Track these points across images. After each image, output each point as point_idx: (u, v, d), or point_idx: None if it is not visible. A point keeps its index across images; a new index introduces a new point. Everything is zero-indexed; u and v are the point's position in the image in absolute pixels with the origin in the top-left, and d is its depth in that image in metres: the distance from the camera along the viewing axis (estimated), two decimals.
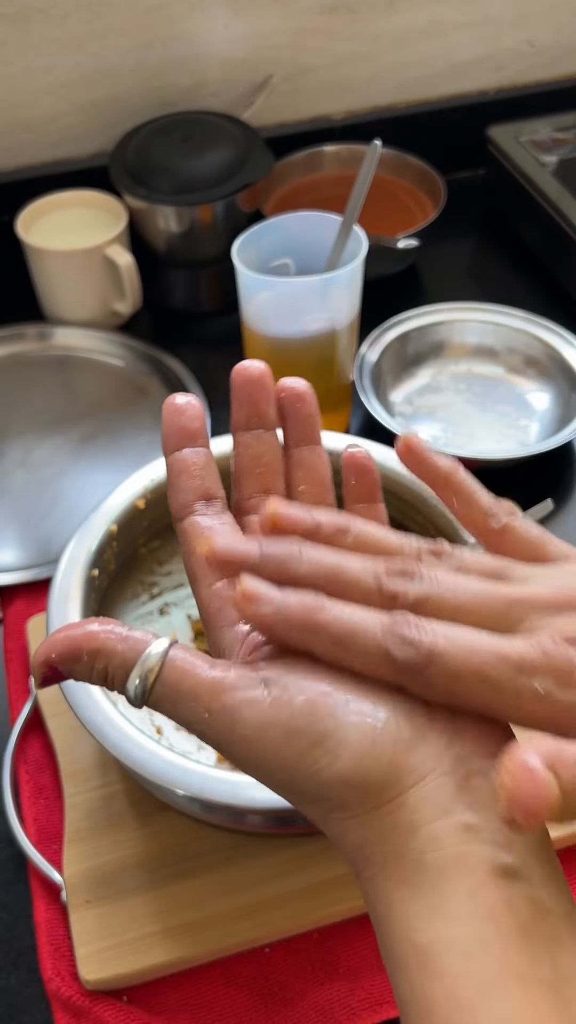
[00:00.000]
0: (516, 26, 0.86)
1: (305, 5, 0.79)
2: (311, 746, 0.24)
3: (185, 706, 0.25)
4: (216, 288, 0.79)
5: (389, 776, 0.24)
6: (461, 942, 0.23)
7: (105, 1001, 0.44)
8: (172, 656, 0.25)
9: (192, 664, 0.25)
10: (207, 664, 0.26)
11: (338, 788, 0.24)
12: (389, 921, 0.24)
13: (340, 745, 0.24)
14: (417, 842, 0.24)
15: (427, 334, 0.73)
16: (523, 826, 0.21)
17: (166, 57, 0.79)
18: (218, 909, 0.46)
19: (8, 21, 0.74)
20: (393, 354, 0.72)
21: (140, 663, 0.25)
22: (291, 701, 0.24)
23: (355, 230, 0.60)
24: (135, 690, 0.25)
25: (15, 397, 0.74)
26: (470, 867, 0.23)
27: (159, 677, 0.25)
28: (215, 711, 0.25)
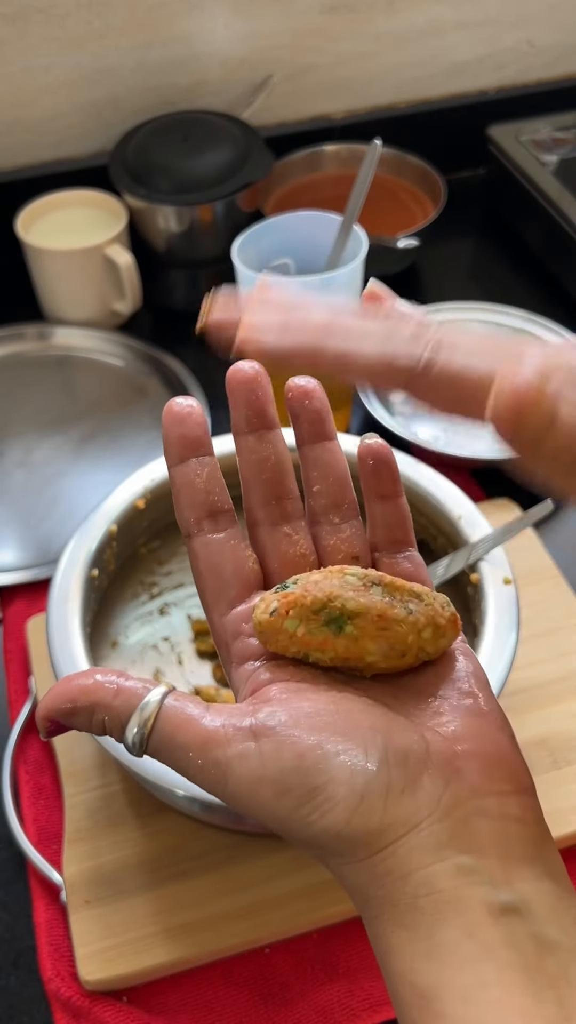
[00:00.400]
0: (516, 26, 0.86)
1: (305, 5, 0.79)
2: (301, 803, 0.24)
3: (180, 757, 0.25)
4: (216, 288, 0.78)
5: (380, 828, 0.24)
6: (460, 986, 0.23)
7: (105, 1001, 0.44)
8: (166, 708, 0.26)
9: (186, 717, 0.26)
10: (201, 714, 0.26)
11: (330, 840, 0.24)
12: (390, 961, 0.24)
13: (329, 800, 0.24)
14: (410, 887, 0.24)
15: None
16: (505, 424, 0.24)
17: (166, 57, 0.79)
18: (218, 909, 0.46)
19: (8, 21, 0.73)
20: None
21: (137, 714, 0.26)
22: (280, 757, 0.24)
23: (355, 230, 0.60)
24: (133, 741, 0.26)
25: (15, 397, 0.74)
26: (466, 908, 0.23)
27: (154, 728, 0.26)
28: (208, 764, 0.25)
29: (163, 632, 0.56)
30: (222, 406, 0.79)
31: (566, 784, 0.49)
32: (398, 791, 0.24)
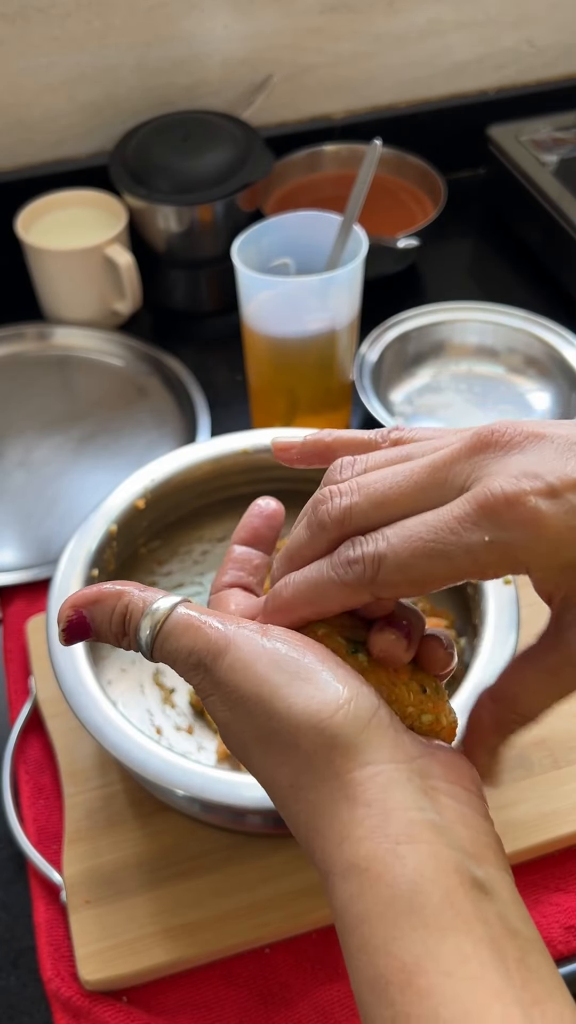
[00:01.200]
0: (516, 26, 0.86)
1: (305, 5, 0.79)
2: (295, 678, 0.25)
3: (187, 639, 0.27)
4: (216, 288, 0.79)
5: (363, 739, 0.24)
6: (442, 959, 0.22)
7: (105, 1002, 0.44)
8: (182, 606, 0.28)
9: (199, 611, 0.28)
10: (215, 614, 0.28)
11: (310, 731, 0.25)
12: (365, 927, 0.23)
13: (322, 689, 0.25)
14: (393, 828, 0.23)
15: (427, 334, 0.73)
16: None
17: (166, 56, 0.79)
18: (218, 909, 0.46)
19: (8, 20, 0.73)
20: (393, 354, 0.72)
21: (151, 610, 0.27)
22: (284, 646, 0.26)
23: (355, 230, 0.60)
24: (145, 633, 0.27)
25: (15, 397, 0.74)
26: (445, 870, 0.23)
27: (167, 620, 0.27)
28: (212, 639, 0.26)
29: None
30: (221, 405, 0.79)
31: (566, 784, 0.49)
32: (384, 723, 0.25)
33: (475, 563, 0.24)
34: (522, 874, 0.47)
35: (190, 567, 0.58)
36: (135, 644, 0.28)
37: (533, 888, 0.47)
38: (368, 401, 0.67)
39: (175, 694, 0.53)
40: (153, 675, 0.54)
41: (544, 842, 0.47)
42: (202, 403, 0.71)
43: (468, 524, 0.24)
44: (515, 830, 0.48)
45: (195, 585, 0.58)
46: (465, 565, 0.24)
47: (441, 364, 0.74)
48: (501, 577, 0.27)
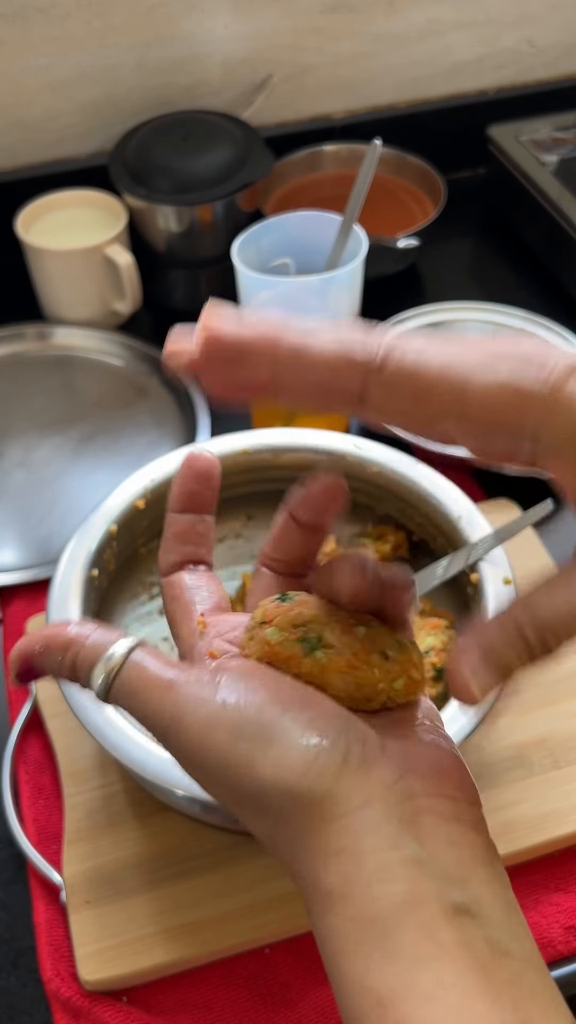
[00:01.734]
0: (516, 26, 0.86)
1: (305, 5, 0.79)
2: (256, 748, 0.24)
3: (140, 701, 0.26)
4: (216, 288, 0.79)
5: (334, 791, 0.24)
6: (420, 988, 0.22)
7: (105, 1002, 0.44)
8: (134, 655, 0.27)
9: (151, 663, 0.26)
10: (166, 664, 0.26)
11: (280, 797, 0.24)
12: (343, 963, 0.23)
13: (286, 752, 0.24)
14: (365, 872, 0.23)
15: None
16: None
17: (166, 56, 0.79)
18: (218, 909, 0.46)
19: (8, 20, 0.73)
20: None
21: (104, 658, 0.26)
22: (240, 706, 0.25)
23: (355, 229, 0.60)
24: (98, 683, 0.26)
25: (15, 397, 0.74)
26: (422, 903, 0.23)
27: (120, 672, 0.26)
28: (166, 705, 0.25)
29: (163, 632, 0.56)
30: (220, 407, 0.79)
31: (566, 784, 0.49)
32: (354, 764, 0.24)
33: (484, 398, 0.22)
34: (522, 874, 0.48)
35: None
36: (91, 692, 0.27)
37: (533, 888, 0.47)
38: None
39: None
40: None
41: (544, 842, 0.47)
42: (202, 403, 0.71)
43: (493, 355, 0.23)
44: (515, 830, 0.48)
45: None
46: (476, 391, 0.22)
47: None
48: (502, 453, 0.24)
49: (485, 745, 0.51)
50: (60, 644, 0.27)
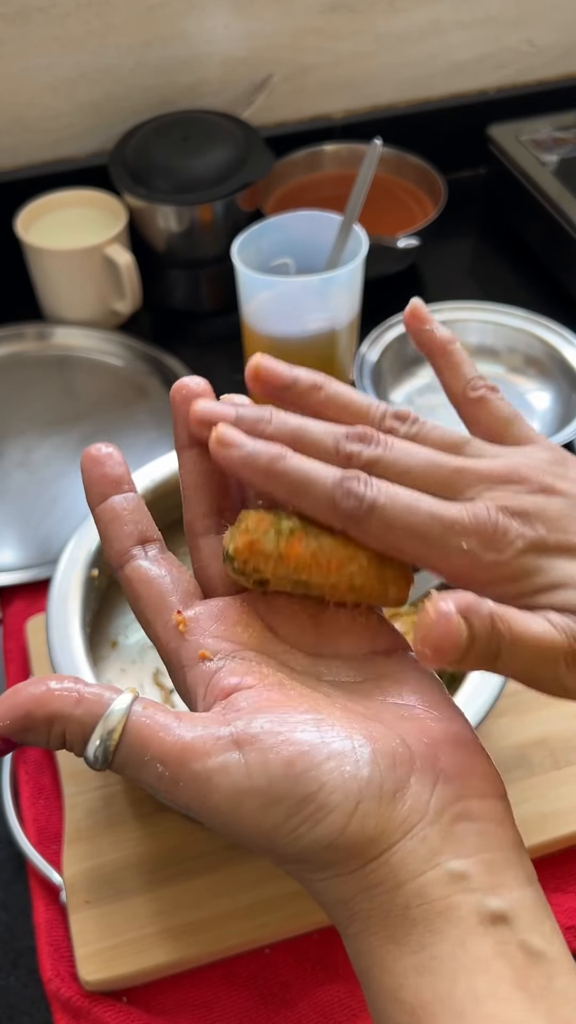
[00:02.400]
0: (516, 25, 0.86)
1: (305, 4, 0.79)
2: (292, 813, 0.23)
3: (150, 772, 0.23)
4: (216, 287, 0.79)
5: (375, 835, 0.23)
6: (455, 1000, 0.22)
7: (105, 1002, 0.44)
8: (135, 716, 0.24)
9: (157, 725, 0.24)
10: (173, 722, 0.24)
11: (321, 852, 0.23)
12: (378, 979, 0.23)
13: (322, 809, 0.23)
14: (402, 898, 0.23)
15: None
16: (431, 660, 0.23)
17: (166, 56, 0.79)
18: (218, 910, 0.46)
19: (8, 20, 0.73)
20: (393, 354, 0.72)
21: (100, 724, 0.23)
22: (268, 766, 0.23)
23: (355, 229, 0.60)
24: (95, 755, 0.23)
25: (15, 397, 0.74)
26: (458, 918, 0.23)
27: (121, 740, 0.23)
28: (185, 779, 0.23)
29: None
30: None
31: (566, 784, 0.49)
32: (390, 795, 0.23)
33: (444, 560, 0.25)
34: None
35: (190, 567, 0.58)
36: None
37: None
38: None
39: (175, 694, 0.53)
40: (153, 675, 0.54)
41: (544, 842, 0.47)
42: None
43: (457, 529, 0.25)
44: None
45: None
46: (435, 555, 0.26)
47: None
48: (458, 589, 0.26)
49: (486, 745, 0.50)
50: (43, 718, 0.24)
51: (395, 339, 0.72)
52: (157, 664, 0.54)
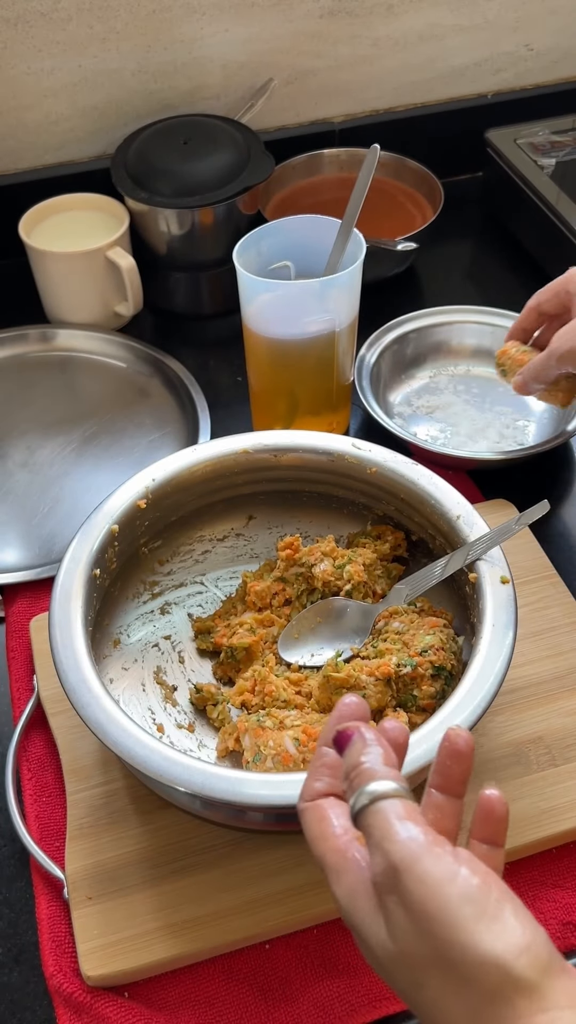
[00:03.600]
0: (514, 30, 0.87)
1: (305, 9, 0.80)
2: (482, 914, 0.26)
3: (387, 833, 0.29)
4: (217, 290, 0.79)
5: (543, 985, 0.26)
6: None
7: (107, 997, 0.44)
8: (393, 799, 0.29)
9: (404, 810, 0.29)
10: (415, 820, 0.29)
11: (494, 971, 0.26)
12: None
13: (507, 930, 0.26)
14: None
15: (426, 336, 0.74)
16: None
17: (167, 61, 0.79)
18: (219, 905, 0.46)
19: (10, 24, 0.74)
20: (392, 356, 0.72)
21: (370, 787, 0.29)
22: (475, 877, 0.27)
23: (354, 233, 0.61)
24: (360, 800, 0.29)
25: (18, 398, 0.74)
26: None
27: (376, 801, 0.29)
28: (410, 848, 0.28)
29: (164, 631, 0.56)
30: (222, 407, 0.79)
31: (564, 781, 0.50)
32: (557, 967, 0.26)
33: None
34: (519, 870, 0.48)
35: (191, 566, 0.58)
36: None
37: (531, 884, 0.48)
38: (367, 402, 0.68)
39: (176, 692, 0.54)
40: (154, 673, 0.54)
41: (542, 839, 0.48)
42: (203, 404, 0.72)
43: None
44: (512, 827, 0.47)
45: (196, 584, 0.58)
46: None
47: (439, 366, 0.74)
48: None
49: (483, 742, 0.51)
50: (351, 763, 0.31)
51: (394, 341, 0.72)
52: (158, 662, 0.55)
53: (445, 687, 0.49)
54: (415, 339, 0.73)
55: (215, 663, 0.55)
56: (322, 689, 0.49)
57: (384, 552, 0.56)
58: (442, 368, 0.74)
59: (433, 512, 0.52)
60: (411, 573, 0.55)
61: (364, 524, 0.58)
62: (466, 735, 0.33)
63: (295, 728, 0.46)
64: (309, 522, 0.59)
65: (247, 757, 0.46)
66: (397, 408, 0.72)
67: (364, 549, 0.55)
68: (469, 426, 0.70)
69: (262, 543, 0.59)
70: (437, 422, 0.71)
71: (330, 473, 0.56)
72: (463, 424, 0.70)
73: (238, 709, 0.51)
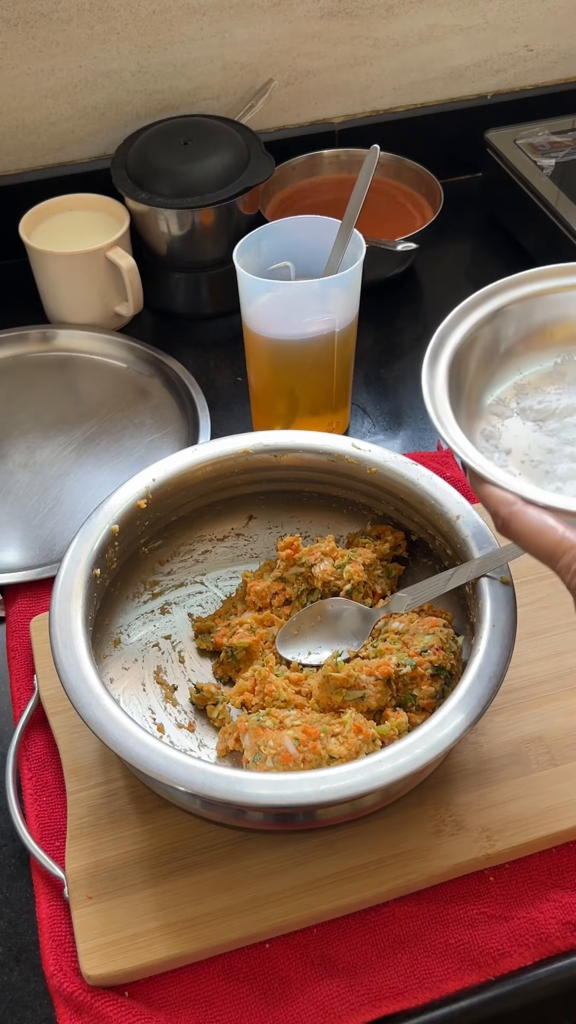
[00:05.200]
0: (514, 31, 0.87)
1: (305, 10, 0.80)
2: None
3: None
4: (217, 291, 0.79)
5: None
6: None
7: (107, 996, 0.44)
8: None
9: None
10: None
11: None
12: None
13: None
14: None
15: (537, 308, 0.47)
16: None
17: (167, 61, 0.79)
18: (219, 905, 0.46)
19: (10, 25, 0.74)
20: (486, 338, 0.47)
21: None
22: None
23: (354, 233, 0.61)
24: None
25: (18, 398, 0.74)
26: None
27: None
28: None
29: (165, 630, 0.56)
30: (222, 407, 0.79)
31: (563, 781, 0.50)
32: None
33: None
34: (519, 870, 0.48)
35: (191, 566, 0.59)
36: None
37: (530, 884, 0.48)
38: (442, 430, 0.42)
39: (176, 692, 0.54)
40: (155, 673, 0.54)
41: (541, 838, 0.48)
42: (203, 405, 0.72)
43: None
44: (512, 827, 0.48)
45: (196, 584, 0.58)
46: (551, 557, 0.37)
47: (562, 351, 0.47)
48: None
49: (483, 742, 0.51)
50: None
51: (488, 318, 0.47)
52: (159, 662, 0.55)
53: (445, 687, 0.49)
54: (518, 313, 0.47)
55: (215, 663, 0.55)
56: (322, 689, 0.49)
57: (384, 552, 0.56)
58: (569, 355, 0.47)
59: (433, 512, 0.52)
60: (411, 573, 0.55)
61: (364, 524, 0.58)
62: None
63: (295, 728, 0.46)
64: (309, 522, 0.60)
65: (247, 756, 0.46)
66: (490, 407, 0.46)
67: (364, 549, 0.55)
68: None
69: (262, 543, 0.59)
70: (548, 436, 0.44)
71: (330, 473, 0.56)
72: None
73: (238, 709, 0.51)
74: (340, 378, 0.66)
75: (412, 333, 0.79)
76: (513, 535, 0.39)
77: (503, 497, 0.39)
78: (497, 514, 0.39)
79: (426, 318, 0.80)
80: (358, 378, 0.75)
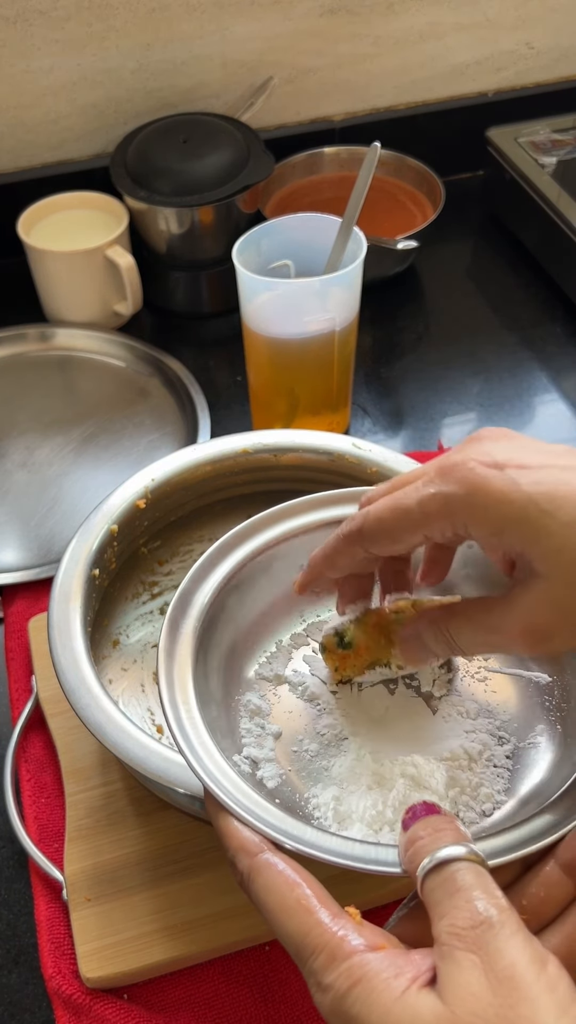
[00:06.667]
0: (515, 28, 0.87)
1: (305, 7, 0.80)
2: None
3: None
4: (216, 289, 0.79)
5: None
6: None
7: (106, 999, 0.44)
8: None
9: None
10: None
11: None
12: None
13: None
14: None
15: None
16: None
17: (166, 59, 0.79)
18: (218, 907, 0.46)
19: (9, 23, 0.74)
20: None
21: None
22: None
23: (355, 231, 0.61)
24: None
25: (17, 398, 0.74)
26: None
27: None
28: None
29: None
30: (222, 406, 0.79)
31: None
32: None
33: (424, 514, 0.31)
34: None
35: (191, 567, 0.58)
36: None
37: None
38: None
39: None
40: (154, 674, 0.54)
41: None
42: (203, 404, 0.71)
43: (425, 481, 0.31)
44: None
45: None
46: (417, 516, 0.31)
47: None
48: (448, 538, 0.32)
49: None
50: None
51: None
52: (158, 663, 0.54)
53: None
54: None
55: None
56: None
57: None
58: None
59: None
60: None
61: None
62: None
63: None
64: None
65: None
66: (258, 670, 0.41)
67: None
68: None
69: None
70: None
71: (330, 473, 0.56)
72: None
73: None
74: (340, 377, 0.65)
75: (413, 332, 0.78)
76: (255, 901, 0.29)
77: (245, 842, 0.30)
78: (235, 865, 0.30)
79: (427, 317, 0.79)
80: (358, 377, 0.74)
